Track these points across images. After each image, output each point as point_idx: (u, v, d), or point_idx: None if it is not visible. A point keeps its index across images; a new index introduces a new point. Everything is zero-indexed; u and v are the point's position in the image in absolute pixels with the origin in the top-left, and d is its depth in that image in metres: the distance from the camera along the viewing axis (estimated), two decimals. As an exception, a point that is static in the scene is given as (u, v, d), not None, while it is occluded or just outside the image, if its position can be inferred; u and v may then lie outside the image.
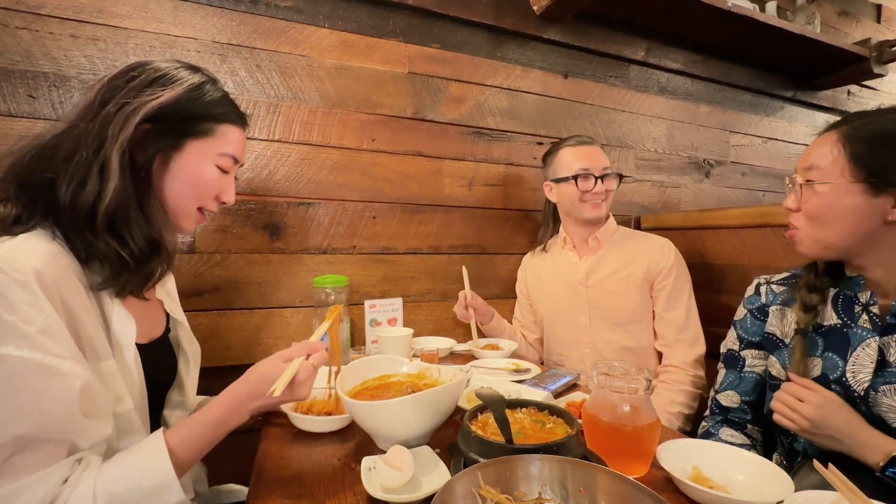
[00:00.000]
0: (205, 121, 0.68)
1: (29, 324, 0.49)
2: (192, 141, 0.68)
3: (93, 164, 0.59)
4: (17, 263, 0.50)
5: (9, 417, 0.47)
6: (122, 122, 0.60)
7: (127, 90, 0.62)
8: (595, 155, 1.27)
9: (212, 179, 0.71)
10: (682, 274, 1.23)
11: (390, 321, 1.29)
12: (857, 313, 0.75)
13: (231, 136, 0.72)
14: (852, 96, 2.19)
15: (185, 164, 0.68)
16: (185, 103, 0.66)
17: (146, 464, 0.54)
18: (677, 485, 0.59)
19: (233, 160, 0.73)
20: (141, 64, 0.66)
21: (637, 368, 0.68)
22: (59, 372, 0.50)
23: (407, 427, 0.66)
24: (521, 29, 1.49)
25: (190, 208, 0.71)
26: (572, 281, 1.31)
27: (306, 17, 1.26)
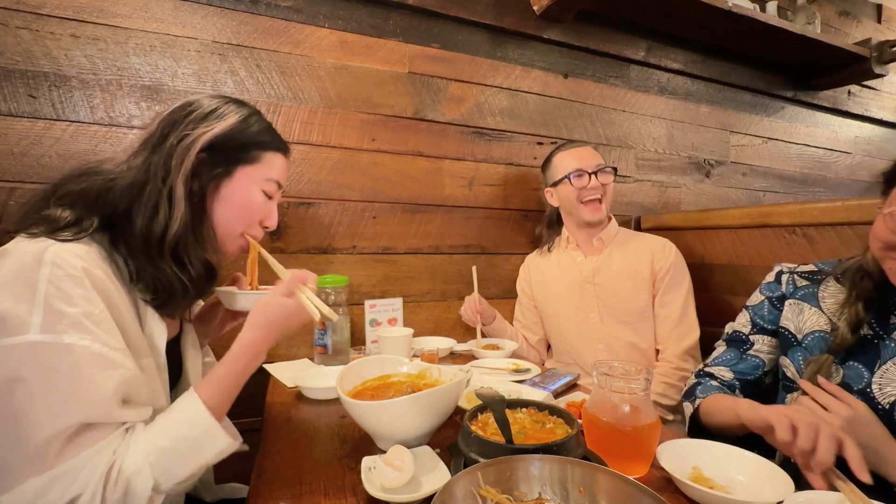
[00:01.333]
0: (253, 148, 0.73)
1: (87, 316, 0.52)
2: (242, 168, 0.72)
3: (162, 193, 0.63)
4: (70, 260, 0.53)
5: (74, 403, 0.50)
6: (184, 153, 0.65)
7: (185, 123, 0.67)
8: (586, 154, 1.29)
9: (259, 204, 0.75)
10: (679, 272, 1.24)
11: (390, 321, 1.29)
12: (892, 325, 0.71)
13: (276, 163, 0.76)
14: (853, 96, 2.19)
15: (235, 190, 0.72)
16: (237, 133, 0.70)
17: (185, 417, 0.57)
18: (677, 485, 0.59)
19: (277, 185, 0.78)
20: (195, 100, 0.71)
21: (637, 368, 0.68)
22: (115, 362, 0.54)
23: (407, 427, 0.66)
24: (522, 29, 1.49)
25: (236, 232, 0.75)
26: (579, 279, 1.32)
27: (306, 17, 1.26)
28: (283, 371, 1.05)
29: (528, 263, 1.49)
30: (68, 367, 0.50)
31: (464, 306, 1.37)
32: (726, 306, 1.31)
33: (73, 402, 0.50)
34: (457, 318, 1.44)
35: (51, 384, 0.50)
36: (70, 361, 0.51)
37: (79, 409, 0.51)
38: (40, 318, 0.50)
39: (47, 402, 0.49)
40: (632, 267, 1.26)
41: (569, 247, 1.37)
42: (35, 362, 0.49)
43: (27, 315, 0.49)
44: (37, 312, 0.50)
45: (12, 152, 1.00)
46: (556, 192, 1.33)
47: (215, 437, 0.57)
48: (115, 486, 0.50)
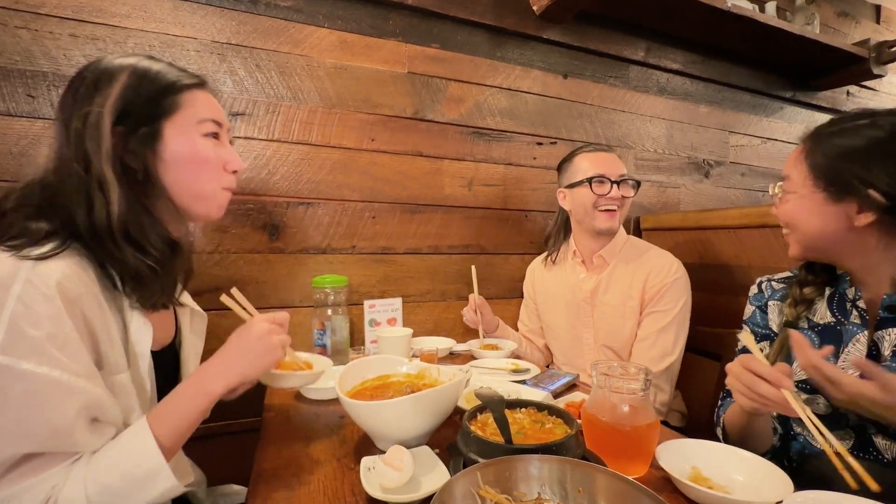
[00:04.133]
0: (164, 96, 0.64)
1: (52, 339, 0.50)
2: (166, 122, 0.64)
3: (90, 183, 0.58)
4: (45, 277, 0.51)
5: (21, 433, 0.48)
6: (95, 132, 0.59)
7: (80, 101, 0.60)
8: (612, 161, 1.22)
9: (208, 152, 0.68)
10: (673, 296, 1.15)
11: (390, 321, 1.29)
12: (848, 310, 0.77)
13: (198, 101, 0.68)
14: (851, 97, 2.20)
15: (174, 149, 0.65)
16: (136, 89, 0.62)
17: (133, 451, 0.54)
18: (676, 485, 0.59)
19: (214, 123, 0.69)
20: (78, 73, 0.63)
21: (637, 368, 0.68)
22: (74, 390, 0.51)
23: (406, 427, 0.66)
24: (521, 29, 1.49)
25: (205, 190, 0.69)
26: (578, 297, 1.28)
27: (306, 17, 1.26)
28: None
29: (533, 269, 1.48)
30: (21, 395, 0.48)
31: (466, 308, 1.37)
32: (725, 306, 1.31)
33: (19, 432, 0.48)
34: (456, 318, 1.44)
35: (1, 411, 0.47)
36: (23, 388, 0.48)
37: (24, 440, 0.48)
38: (1, 338, 0.47)
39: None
40: (626, 291, 1.20)
41: (574, 259, 1.32)
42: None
43: None
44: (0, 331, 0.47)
45: (10, 152, 1.00)
46: (571, 194, 1.25)
47: (160, 478, 0.54)
48: None
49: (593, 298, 1.26)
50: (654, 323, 1.16)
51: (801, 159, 0.77)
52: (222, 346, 0.65)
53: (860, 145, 0.70)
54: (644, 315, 1.18)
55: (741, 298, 0.96)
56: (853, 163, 0.70)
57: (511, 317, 1.53)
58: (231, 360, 0.63)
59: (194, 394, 0.60)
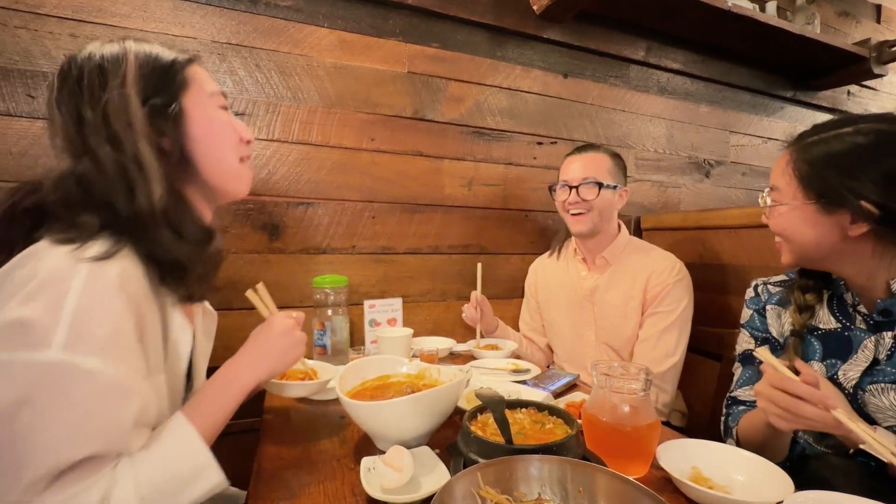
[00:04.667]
0: (172, 73, 0.63)
1: (115, 338, 0.49)
2: (184, 97, 0.63)
3: (127, 165, 0.55)
4: (106, 272, 0.50)
5: (84, 434, 0.46)
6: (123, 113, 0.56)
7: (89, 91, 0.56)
8: (579, 164, 1.22)
9: (228, 121, 0.68)
10: (675, 297, 1.15)
11: (390, 321, 1.29)
12: (851, 315, 0.76)
13: (200, 75, 0.67)
14: (852, 96, 2.19)
15: (199, 123, 0.64)
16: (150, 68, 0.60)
17: (178, 448, 0.53)
18: (677, 485, 0.59)
19: (222, 96, 0.69)
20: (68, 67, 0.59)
21: (637, 368, 0.68)
22: (136, 391, 0.51)
23: (406, 427, 0.66)
24: (521, 29, 1.49)
25: (232, 164, 0.68)
26: (579, 295, 1.29)
27: (306, 17, 1.26)
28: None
29: (536, 267, 1.48)
30: (86, 395, 0.46)
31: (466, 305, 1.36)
32: (725, 306, 1.31)
33: (83, 434, 0.46)
34: (456, 318, 1.44)
35: (64, 411, 0.45)
36: (88, 389, 0.46)
37: (88, 442, 0.46)
38: (65, 334, 0.46)
39: (57, 430, 0.45)
40: (628, 292, 1.20)
41: (576, 257, 1.33)
42: (51, 385, 0.45)
43: (52, 328, 0.45)
44: (62, 327, 0.46)
45: (10, 152, 1.00)
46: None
47: (208, 474, 0.53)
48: None
49: (593, 297, 1.26)
50: (656, 324, 1.16)
51: (787, 169, 0.77)
52: (246, 342, 0.67)
53: (846, 154, 0.69)
54: (646, 316, 1.18)
55: (742, 298, 0.96)
56: (841, 173, 0.68)
57: (512, 317, 1.53)
58: (259, 354, 0.64)
59: (227, 388, 0.61)
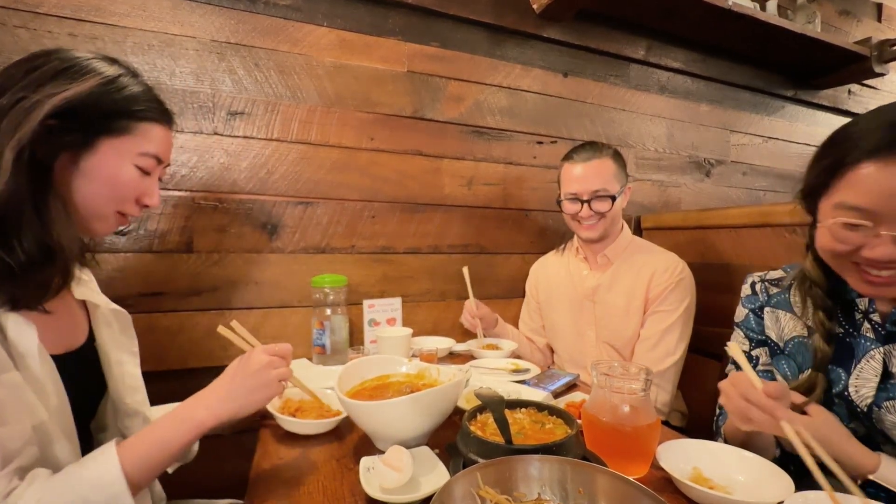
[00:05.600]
0: (121, 118, 0.63)
1: None
2: (107, 139, 0.62)
3: None
4: None
5: None
6: (20, 118, 0.54)
7: (26, 82, 0.56)
8: (587, 175, 1.18)
9: (130, 181, 0.65)
10: (677, 296, 1.15)
11: (389, 321, 1.29)
12: (858, 321, 0.71)
13: (153, 135, 0.66)
14: (853, 95, 2.19)
15: (98, 165, 0.62)
16: (98, 98, 0.60)
17: (96, 475, 0.51)
18: (677, 485, 0.59)
19: (156, 160, 0.67)
20: (46, 53, 0.59)
21: (637, 368, 0.68)
22: None
23: (406, 427, 0.66)
24: (521, 27, 1.49)
25: (105, 211, 0.66)
26: (581, 294, 1.29)
27: (305, 16, 1.26)
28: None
29: (537, 267, 1.48)
30: None
31: (463, 315, 1.37)
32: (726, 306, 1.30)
33: None
34: (456, 318, 1.44)
35: None
36: None
37: None
38: None
39: None
40: (630, 291, 1.20)
41: (577, 256, 1.34)
42: None
43: None
44: None
45: None
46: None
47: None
48: None
49: (594, 296, 1.26)
50: (657, 323, 1.16)
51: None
52: (220, 375, 0.63)
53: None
54: (647, 315, 1.18)
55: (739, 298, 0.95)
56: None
57: (511, 317, 1.52)
58: (224, 391, 0.60)
59: (181, 423, 0.57)
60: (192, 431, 0.56)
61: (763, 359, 0.84)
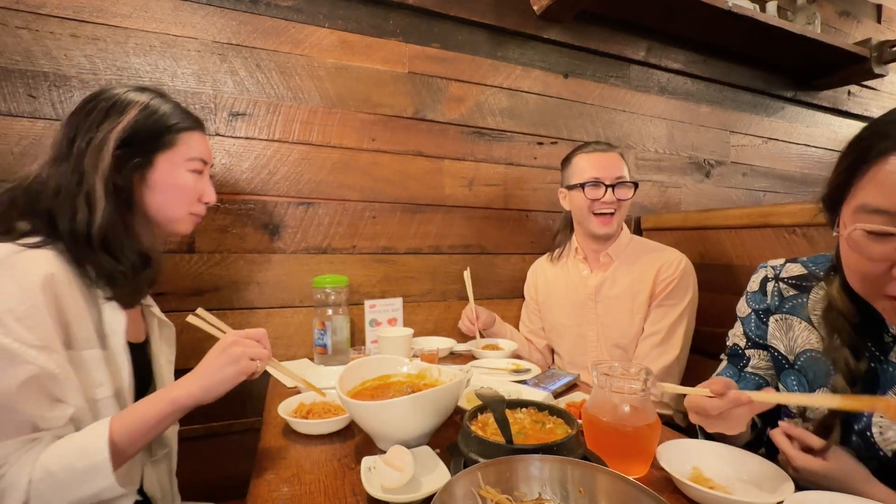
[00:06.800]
0: (164, 134, 0.74)
1: (10, 313, 0.55)
2: (161, 154, 0.74)
3: (77, 197, 0.66)
4: (26, 267, 0.58)
5: None
6: (96, 154, 0.67)
7: (88, 123, 0.69)
8: (609, 162, 1.20)
9: (189, 185, 0.78)
10: (679, 291, 1.16)
11: (390, 321, 1.29)
12: (887, 344, 0.60)
13: (192, 141, 0.78)
14: (853, 96, 2.19)
15: (161, 178, 0.75)
16: (143, 123, 0.72)
17: (85, 444, 0.56)
18: (677, 485, 0.59)
19: (201, 162, 0.80)
20: (93, 96, 0.71)
21: (637, 368, 0.68)
22: (22, 359, 0.55)
23: (407, 427, 0.66)
24: (522, 29, 1.49)
25: (180, 214, 0.79)
26: (582, 294, 1.28)
27: (306, 17, 1.26)
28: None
29: (535, 269, 1.48)
30: None
31: (461, 320, 1.38)
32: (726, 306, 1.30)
33: None
34: (456, 319, 1.44)
35: None
36: None
37: None
38: None
39: None
40: (634, 288, 1.19)
41: (576, 257, 1.33)
42: None
43: None
44: None
45: (12, 152, 1.00)
46: (570, 196, 1.26)
47: (99, 475, 0.55)
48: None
49: (597, 295, 1.26)
50: (663, 317, 1.17)
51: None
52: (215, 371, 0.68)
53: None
54: (652, 308, 1.18)
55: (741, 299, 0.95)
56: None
57: (512, 317, 1.53)
58: (198, 371, 0.66)
59: (158, 399, 0.63)
60: (167, 407, 0.63)
61: (756, 361, 0.79)
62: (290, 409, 0.82)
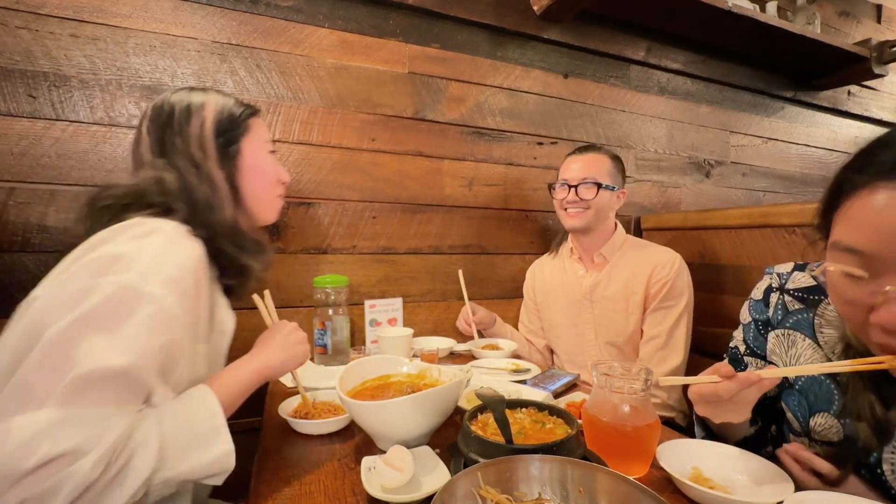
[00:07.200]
0: (241, 121, 0.78)
1: (181, 284, 0.57)
2: (244, 140, 0.77)
3: (202, 181, 0.69)
4: (187, 239, 0.62)
5: (129, 348, 0.50)
6: (200, 144, 0.71)
7: (176, 125, 0.71)
8: (578, 164, 1.23)
9: (272, 164, 0.82)
10: (676, 291, 1.16)
11: (390, 321, 1.29)
12: None
13: (259, 124, 0.82)
14: (853, 96, 2.19)
15: (250, 163, 0.77)
16: (222, 114, 0.75)
17: (195, 408, 0.57)
18: (677, 485, 0.59)
19: (272, 143, 0.84)
20: (164, 102, 0.73)
21: (637, 368, 0.68)
22: (176, 327, 0.57)
23: (407, 427, 0.66)
24: (522, 29, 1.49)
25: (270, 197, 0.82)
26: (577, 294, 1.29)
27: (306, 17, 1.26)
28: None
29: (534, 269, 1.48)
30: (145, 316, 0.52)
31: (459, 320, 1.38)
32: (726, 307, 1.31)
33: (134, 346, 0.51)
34: (456, 319, 1.44)
35: (129, 322, 0.51)
36: (148, 311, 0.52)
37: (135, 353, 0.50)
38: (145, 265, 0.54)
39: (107, 338, 0.49)
40: (628, 287, 1.20)
41: (572, 258, 1.34)
42: (119, 301, 0.51)
43: (135, 259, 0.54)
44: (143, 262, 0.54)
45: (12, 152, 1.00)
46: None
47: (219, 440, 0.56)
48: (120, 456, 0.46)
49: (593, 295, 1.27)
50: (663, 320, 1.16)
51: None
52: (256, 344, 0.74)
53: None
54: (650, 312, 1.18)
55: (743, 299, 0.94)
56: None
57: (511, 317, 1.53)
58: (271, 350, 0.71)
59: (243, 368, 0.66)
60: (252, 377, 0.66)
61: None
62: (290, 409, 0.82)
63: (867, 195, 0.45)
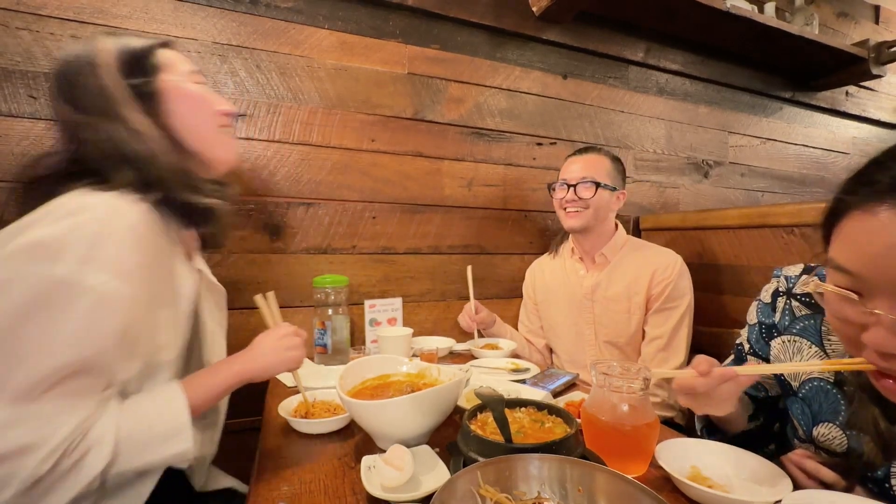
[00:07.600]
0: (146, 59, 0.68)
1: (126, 261, 0.55)
2: (159, 78, 0.68)
3: (123, 136, 0.62)
4: (126, 209, 0.57)
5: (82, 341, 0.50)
6: (109, 94, 0.63)
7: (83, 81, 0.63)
8: (578, 164, 1.24)
9: (201, 93, 0.72)
10: (678, 292, 1.17)
11: (390, 321, 1.29)
12: None
13: (174, 57, 0.72)
14: (850, 97, 2.20)
15: (175, 97, 0.69)
16: (123, 57, 0.66)
17: (161, 407, 0.57)
18: (676, 484, 0.59)
19: (196, 73, 0.74)
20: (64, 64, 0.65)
21: (636, 368, 0.68)
22: (124, 310, 0.55)
23: (406, 426, 0.66)
24: (521, 30, 1.50)
25: (212, 131, 0.73)
26: (579, 294, 1.29)
27: (306, 18, 1.26)
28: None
29: (534, 269, 1.49)
30: (87, 307, 0.51)
31: (461, 315, 1.38)
32: (724, 307, 1.31)
33: (77, 341, 0.50)
34: (456, 318, 1.44)
35: (63, 320, 0.50)
36: (90, 301, 0.51)
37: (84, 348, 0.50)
38: (82, 252, 0.51)
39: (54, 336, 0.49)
40: (630, 288, 1.20)
41: (573, 257, 1.35)
42: (59, 294, 0.50)
43: (68, 246, 0.51)
44: (80, 246, 0.51)
45: (13, 153, 1.00)
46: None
47: (180, 438, 0.56)
48: (73, 451, 0.48)
49: (594, 295, 1.27)
50: (665, 321, 1.17)
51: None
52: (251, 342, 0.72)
53: None
54: (652, 313, 1.19)
55: (741, 298, 0.94)
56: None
57: (511, 317, 1.53)
58: (257, 352, 0.70)
59: (222, 369, 0.66)
60: (230, 379, 0.65)
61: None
62: (290, 408, 0.82)
63: (859, 216, 0.45)
